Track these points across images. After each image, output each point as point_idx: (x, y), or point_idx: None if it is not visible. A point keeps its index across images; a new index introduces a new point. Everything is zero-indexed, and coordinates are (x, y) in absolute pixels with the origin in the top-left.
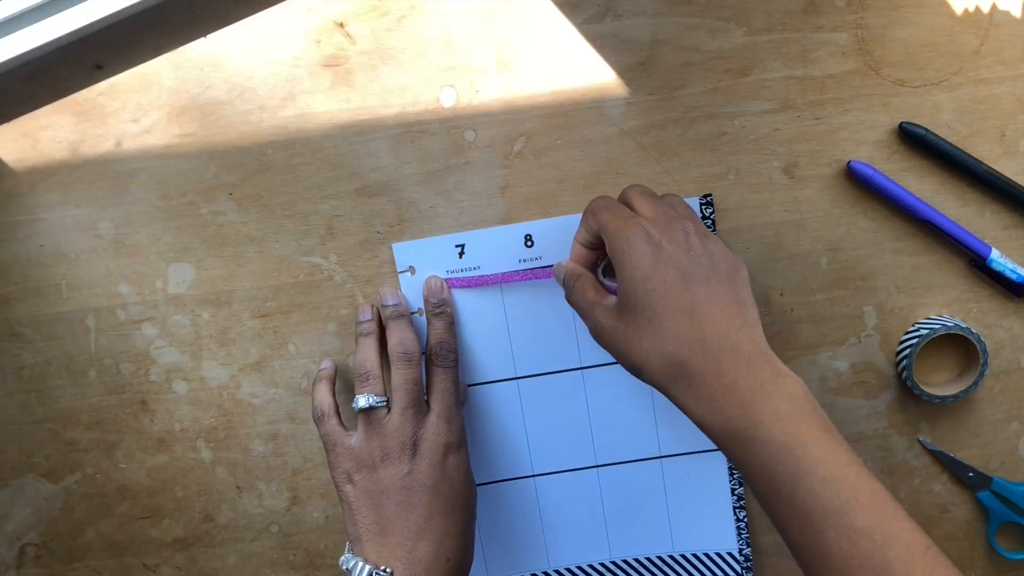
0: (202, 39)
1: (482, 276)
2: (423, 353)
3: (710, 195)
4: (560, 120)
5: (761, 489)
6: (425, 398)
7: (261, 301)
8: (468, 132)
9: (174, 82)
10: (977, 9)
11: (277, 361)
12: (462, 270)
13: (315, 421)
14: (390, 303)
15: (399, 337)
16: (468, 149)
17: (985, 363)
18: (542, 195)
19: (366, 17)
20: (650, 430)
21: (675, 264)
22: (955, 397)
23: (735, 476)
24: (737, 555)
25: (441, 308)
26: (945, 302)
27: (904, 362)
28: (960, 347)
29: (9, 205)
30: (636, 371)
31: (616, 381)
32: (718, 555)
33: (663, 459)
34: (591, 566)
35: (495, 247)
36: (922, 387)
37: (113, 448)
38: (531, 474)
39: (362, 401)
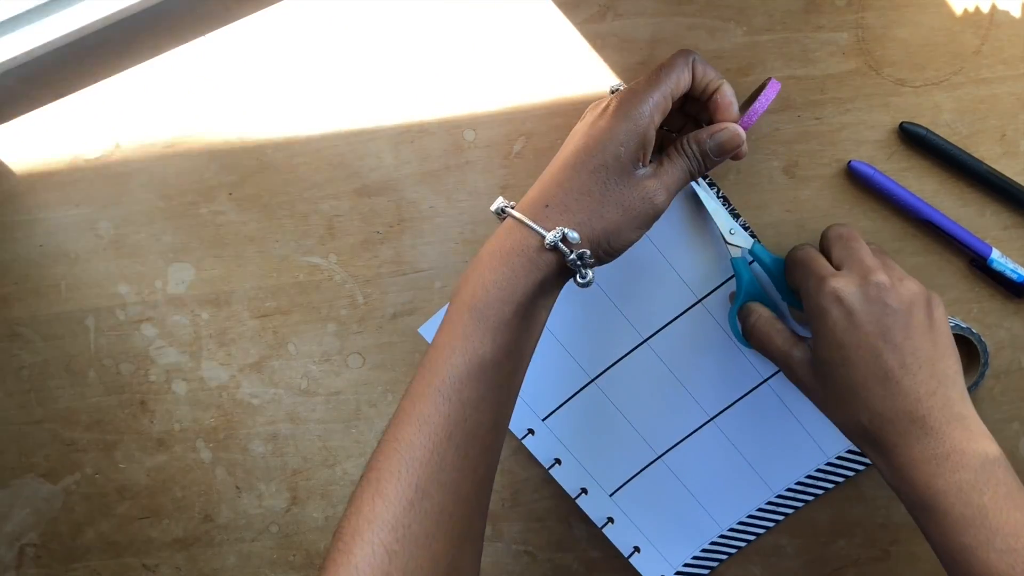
0: (202, 39)
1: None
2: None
3: (708, 176)
4: (560, 120)
5: (942, 558)
6: None
7: (261, 301)
8: (468, 132)
9: (174, 83)
10: (977, 9)
11: (277, 361)
12: None
13: None
14: None
15: None
16: (468, 149)
17: (985, 363)
18: None
19: (366, 17)
20: (743, 361)
21: (869, 328)
22: None
23: None
24: None
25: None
26: (945, 302)
27: None
28: (960, 347)
29: (9, 205)
30: (836, 426)
31: (680, 335)
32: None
33: (771, 381)
34: (761, 509)
35: None
36: None
37: (112, 448)
38: (656, 457)
39: None
